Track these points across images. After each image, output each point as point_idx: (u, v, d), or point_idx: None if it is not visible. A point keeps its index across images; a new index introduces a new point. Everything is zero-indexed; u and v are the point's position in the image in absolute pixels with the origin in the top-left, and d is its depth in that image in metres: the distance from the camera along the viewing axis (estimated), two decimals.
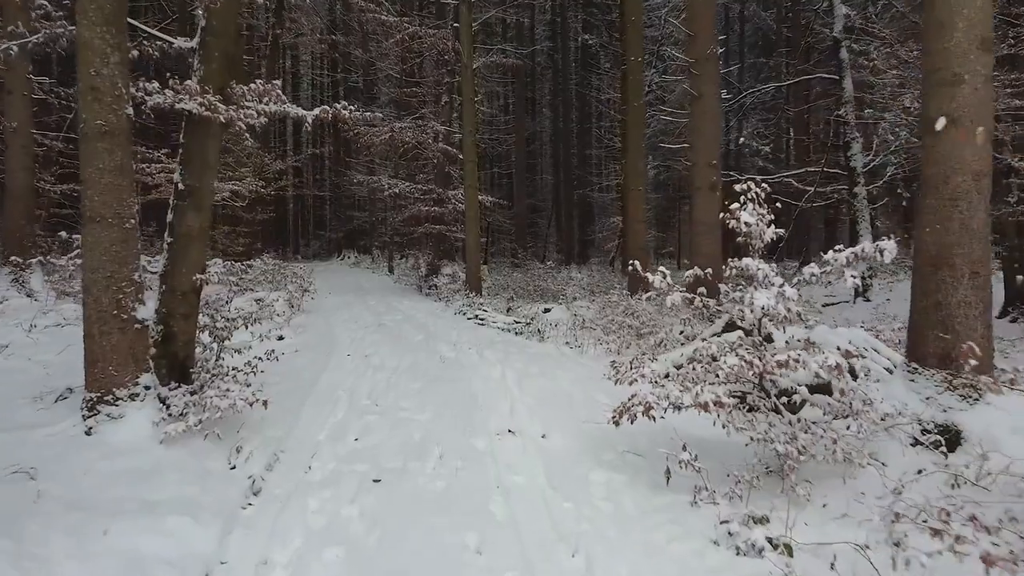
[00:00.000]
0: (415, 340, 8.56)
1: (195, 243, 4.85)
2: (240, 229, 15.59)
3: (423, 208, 14.38)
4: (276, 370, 6.16)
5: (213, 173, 4.99)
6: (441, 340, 8.54)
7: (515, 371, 6.64)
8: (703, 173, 9.57)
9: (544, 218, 30.91)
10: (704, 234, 9.61)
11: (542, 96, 30.81)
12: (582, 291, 16.40)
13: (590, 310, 13.35)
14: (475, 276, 12.80)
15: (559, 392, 5.97)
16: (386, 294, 13.98)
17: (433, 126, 14.44)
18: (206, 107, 4.59)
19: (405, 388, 6.01)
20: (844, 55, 15.42)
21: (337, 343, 8.19)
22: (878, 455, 4.16)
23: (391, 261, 18.97)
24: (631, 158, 12.70)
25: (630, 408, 4.10)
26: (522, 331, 9.86)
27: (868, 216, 15.42)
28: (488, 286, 16.75)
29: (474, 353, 7.62)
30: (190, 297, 4.84)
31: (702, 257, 9.63)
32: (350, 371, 6.63)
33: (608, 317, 10.32)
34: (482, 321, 10.79)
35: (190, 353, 4.90)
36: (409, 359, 7.20)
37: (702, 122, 9.58)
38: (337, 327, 9.66)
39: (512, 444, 4.69)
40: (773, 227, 4.22)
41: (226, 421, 4.39)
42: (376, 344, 8.14)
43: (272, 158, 15.67)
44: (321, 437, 4.78)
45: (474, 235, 12.68)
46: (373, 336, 8.82)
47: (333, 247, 30.98)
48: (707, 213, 9.58)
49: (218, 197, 14.27)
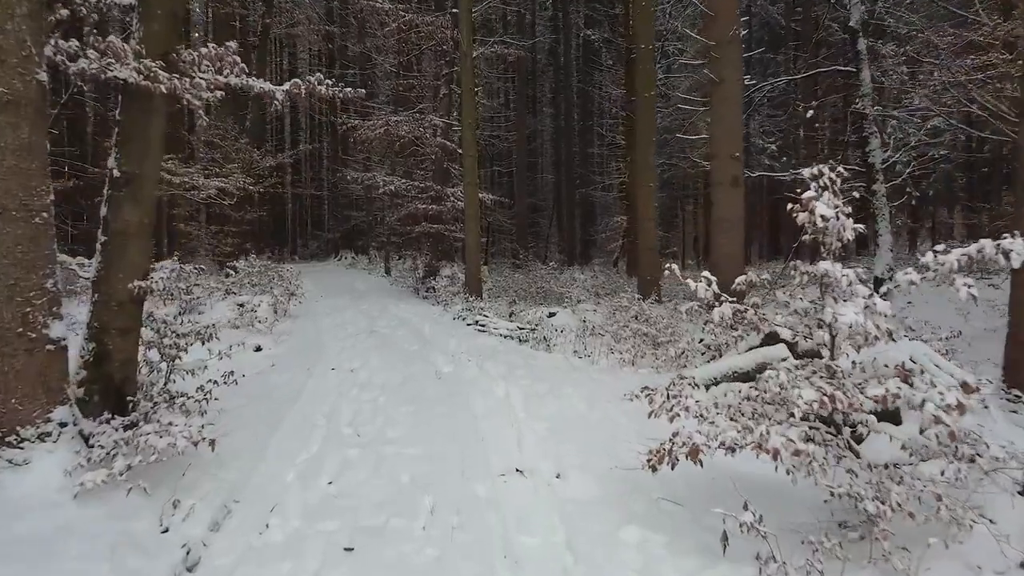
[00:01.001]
0: (409, 350, 7.64)
1: (134, 242, 3.93)
2: (228, 229, 14.66)
3: (420, 206, 13.45)
4: (245, 391, 5.25)
5: (157, 158, 4.07)
6: (438, 350, 7.63)
7: (521, 389, 5.72)
8: (724, 166, 8.65)
9: (545, 217, 29.98)
10: (724, 233, 8.69)
11: (543, 94, 29.88)
12: (586, 293, 15.51)
13: (597, 314, 12.47)
14: (475, 278, 11.90)
15: (573, 415, 5.06)
16: (381, 297, 13.06)
17: (431, 120, 13.52)
18: (144, 74, 3.68)
19: (394, 412, 5.09)
20: (862, 46, 14.49)
21: (322, 354, 7.28)
22: (983, 508, 3.25)
23: (388, 262, 18.05)
24: (641, 152, 11.80)
25: (672, 450, 3.21)
26: (526, 338, 8.96)
27: (888, 214, 14.51)
28: (489, 288, 15.83)
29: (474, 366, 6.70)
30: (128, 308, 3.93)
31: (722, 258, 8.72)
32: (333, 389, 5.71)
33: (619, 323, 9.46)
34: (483, 327, 9.88)
35: (129, 376, 3.99)
36: (401, 374, 6.28)
37: (723, 110, 8.66)
38: (325, 334, 8.74)
39: (521, 488, 3.78)
40: (852, 221, 3.31)
41: (168, 464, 3.48)
42: (365, 355, 7.23)
43: (261, 154, 14.75)
44: (289, 478, 3.87)
45: (474, 234, 11.77)
46: (363, 345, 7.90)
47: (331, 247, 30.07)
48: (728, 210, 8.68)
49: (203, 195, 13.38)
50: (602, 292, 16.04)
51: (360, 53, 20.87)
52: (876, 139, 14.12)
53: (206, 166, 14.15)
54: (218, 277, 11.26)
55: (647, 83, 11.58)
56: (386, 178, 13.65)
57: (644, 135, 11.67)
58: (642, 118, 11.74)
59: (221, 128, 14.42)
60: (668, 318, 9.30)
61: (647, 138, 11.62)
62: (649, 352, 7.79)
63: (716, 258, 8.82)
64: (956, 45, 11.23)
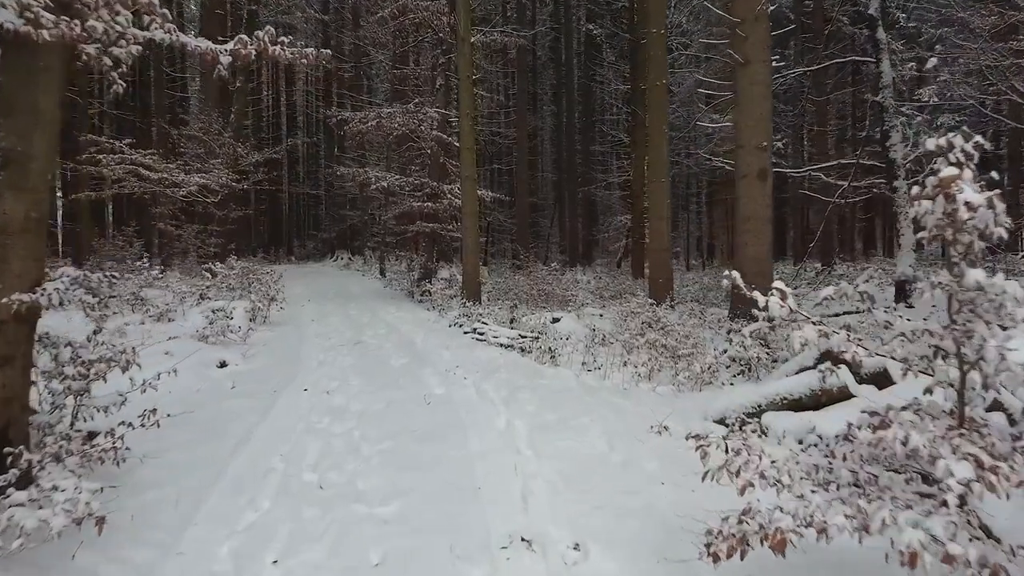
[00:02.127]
0: (396, 365, 6.64)
1: (17, 243, 2.93)
2: (212, 228, 13.66)
3: (415, 204, 12.45)
4: (193, 422, 4.26)
5: (50, 132, 3.06)
6: (429, 365, 6.64)
7: (526, 418, 4.73)
8: (750, 158, 7.67)
9: (545, 217, 28.98)
10: (750, 232, 7.70)
11: (543, 91, 28.89)
12: (591, 296, 14.54)
13: (604, 319, 11.52)
14: (473, 281, 10.90)
15: (589, 455, 4.07)
16: (373, 301, 12.08)
17: (427, 113, 12.53)
18: (23, 14, 2.68)
19: (371, 451, 4.09)
20: (882, 35, 13.50)
21: (296, 370, 6.28)
22: None
23: (383, 263, 17.05)
24: (653, 145, 10.81)
25: (744, 537, 2.23)
26: (529, 349, 7.97)
27: (908, 212, 13.42)
28: (489, 290, 14.85)
29: (470, 386, 5.71)
30: (9, 329, 2.93)
31: (747, 261, 7.74)
32: (300, 419, 4.71)
33: (630, 330, 8.51)
34: (481, 335, 8.89)
35: (13, 419, 2.99)
36: (385, 397, 5.27)
37: (749, 94, 7.67)
38: (305, 345, 7.75)
39: (528, 569, 2.79)
40: (1004, 209, 2.31)
41: (53, 543, 2.49)
42: (346, 373, 6.23)
43: (247, 149, 13.75)
44: (223, 552, 2.88)
45: (472, 233, 10.77)
46: (345, 359, 6.90)
47: (328, 248, 29.09)
48: (754, 206, 7.69)
49: (183, 192, 12.38)
50: (607, 294, 15.06)
51: (355, 46, 19.86)
52: (898, 133, 13.14)
53: (187, 161, 13.15)
54: (192, 281, 10.26)
55: (658, 71, 10.59)
56: (378, 174, 12.64)
57: (655, 127, 10.68)
58: (653, 109, 10.75)
59: (205, 121, 13.43)
60: (686, 325, 8.33)
61: (658, 130, 10.63)
62: (667, 365, 6.81)
63: (741, 260, 7.83)
64: (999, 27, 10.26)
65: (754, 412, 4.61)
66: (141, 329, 7.99)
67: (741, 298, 7.75)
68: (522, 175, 20.68)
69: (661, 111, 10.67)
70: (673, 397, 5.77)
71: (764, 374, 6.75)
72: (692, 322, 9.81)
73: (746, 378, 6.85)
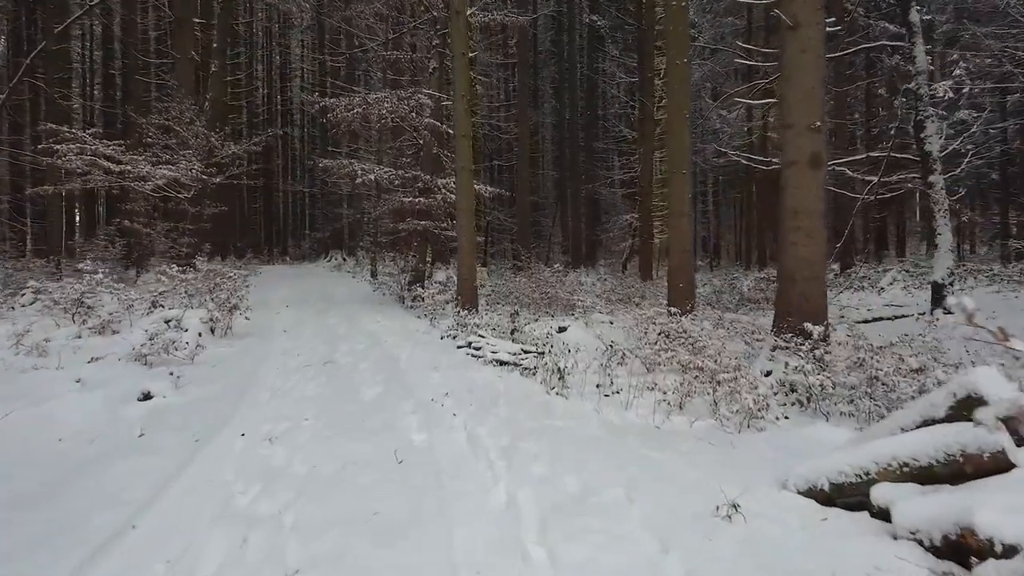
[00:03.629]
0: (369, 396, 5.20)
1: None
2: (184, 226, 12.21)
3: (405, 200, 11.01)
4: (41, 506, 2.83)
5: None
6: (412, 393, 5.21)
7: (535, 488, 3.28)
8: (800, 141, 6.22)
9: (546, 216, 27.51)
10: (800, 230, 6.26)
11: (544, 87, 27.43)
12: (597, 300, 13.13)
13: (615, 327, 10.10)
14: (469, 285, 9.46)
15: (633, 562, 2.64)
16: (358, 307, 10.65)
17: (419, 99, 11.09)
18: None
19: (300, 560, 2.65)
20: (915, 17, 12.07)
21: (240, 404, 4.84)
22: None
23: (374, 265, 15.60)
24: (673, 133, 9.36)
25: None
26: (534, 368, 6.55)
27: (947, 208, 12.01)
28: (487, 293, 13.43)
29: (460, 428, 4.28)
30: None
31: (797, 265, 6.30)
32: (217, 490, 3.27)
33: (648, 341, 7.16)
34: (477, 350, 7.46)
35: None
36: (342, 452, 3.82)
37: (799, 63, 6.22)
38: (265, 365, 6.32)
39: None
40: None
41: None
42: (302, 408, 4.79)
43: (221, 139, 12.29)
44: None
45: (468, 232, 9.33)
46: (307, 387, 5.46)
47: (322, 248, 27.67)
48: (806, 198, 6.25)
49: (150, 186, 10.95)
50: (614, 298, 13.65)
51: (347, 33, 18.39)
52: (933, 124, 11.70)
53: (156, 153, 11.70)
54: (151, 286, 8.82)
55: (679, 48, 9.14)
56: (364, 166, 11.19)
57: (675, 113, 9.23)
58: (673, 92, 9.31)
59: (176, 109, 11.97)
60: (713, 337, 6.95)
61: (679, 116, 9.18)
62: (701, 389, 5.40)
63: (788, 263, 6.38)
64: None
65: (860, 482, 3.18)
66: (72, 345, 6.58)
67: (791, 307, 6.33)
68: (523, 172, 19.24)
69: (682, 94, 9.22)
70: (722, 442, 4.35)
71: (826, 407, 5.34)
72: (720, 333, 8.41)
73: (803, 411, 5.43)
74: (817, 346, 5.77)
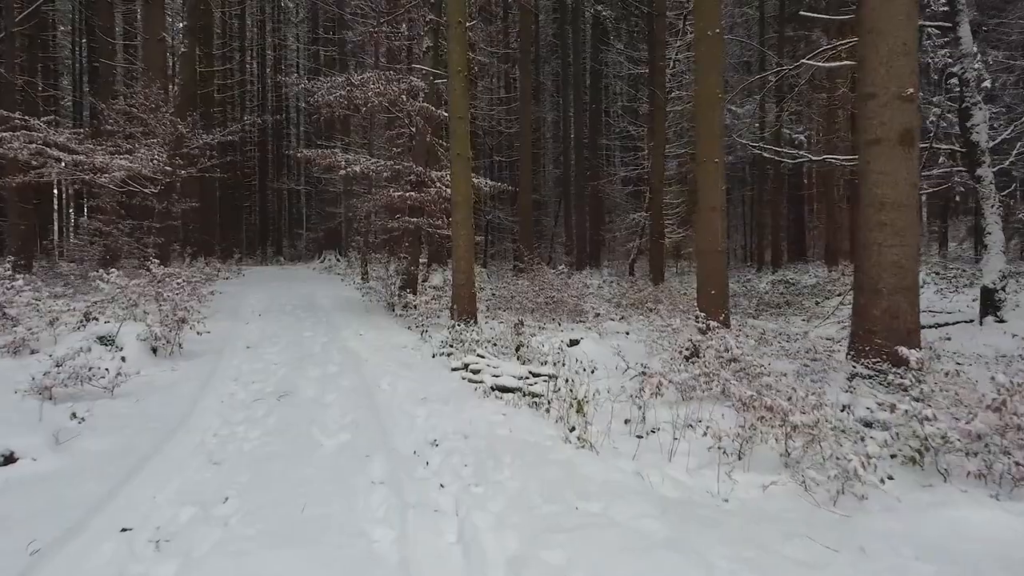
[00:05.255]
0: (328, 449, 3.73)
1: None
2: (150, 224, 10.74)
3: (395, 194, 9.54)
4: None
5: None
6: (386, 447, 3.76)
7: None
8: (888, 113, 4.77)
9: (548, 215, 26.02)
10: (887, 227, 4.80)
11: (546, 83, 25.92)
12: (606, 305, 11.69)
13: (630, 337, 8.68)
14: (467, 292, 8.00)
15: None
16: (341, 316, 9.19)
17: (410, 81, 9.64)
18: None
19: None
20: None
21: (142, 470, 3.38)
22: None
23: (366, 266, 14.13)
24: (702, 116, 7.85)
25: None
26: (546, 400, 5.10)
27: (997, 204, 10.48)
28: (488, 298, 11.98)
29: (449, 513, 2.84)
30: None
31: (885, 269, 4.84)
32: None
33: (676, 356, 5.81)
34: (476, 374, 6.01)
35: None
36: (261, 561, 2.38)
37: (885, 13, 4.77)
38: (205, 399, 4.85)
39: None
40: None
41: None
42: (230, 474, 3.33)
43: (188, 126, 10.80)
44: None
45: (466, 229, 7.87)
46: (249, 435, 4.00)
47: (317, 248, 26.20)
48: (895, 187, 4.79)
49: (105, 178, 9.47)
50: (626, 303, 12.23)
51: (340, 19, 16.92)
52: (982, 112, 10.21)
53: (117, 143, 10.23)
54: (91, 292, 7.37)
55: (709, 17, 7.65)
56: (349, 156, 9.72)
57: (706, 91, 7.74)
58: (704, 66, 7.81)
59: (141, 93, 10.50)
60: (755, 355, 5.54)
61: (710, 96, 7.68)
62: (771, 433, 3.97)
63: (872, 272, 4.91)
64: None
65: None
66: None
67: (876, 325, 4.91)
68: (525, 168, 17.77)
69: (714, 70, 7.73)
70: (837, 535, 2.90)
71: (944, 462, 3.88)
72: (764, 350, 6.97)
73: (911, 467, 3.97)
74: (921, 378, 4.33)
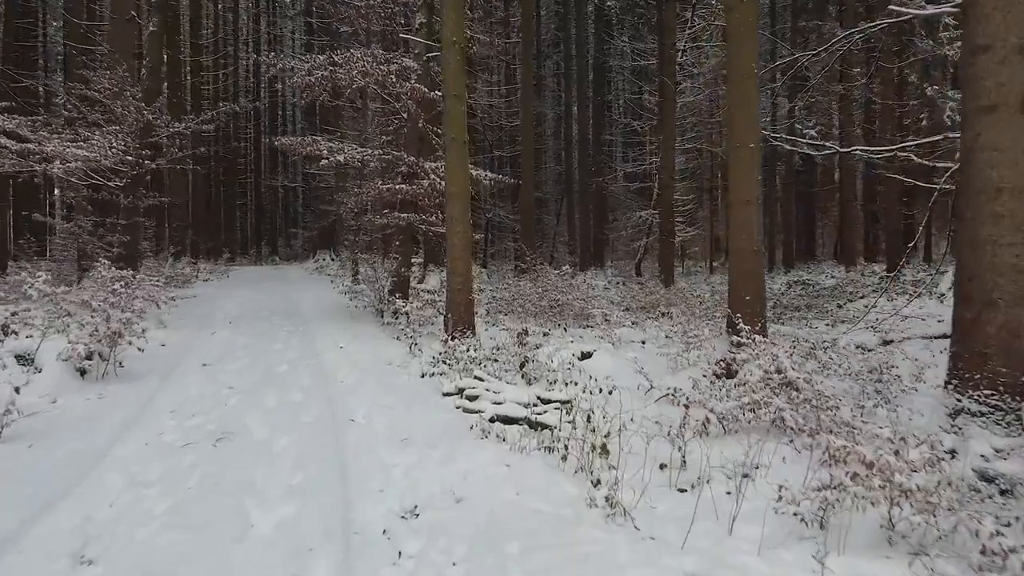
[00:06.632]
0: (261, 532, 2.57)
1: None
2: (115, 221, 9.57)
3: (383, 187, 8.36)
4: None
5: None
6: (344, 523, 2.60)
7: None
8: (1008, 70, 3.62)
9: (550, 213, 24.81)
10: (1006, 219, 3.64)
11: (547, 79, 24.71)
12: (615, 308, 10.52)
13: (647, 348, 7.56)
14: (464, 298, 6.83)
15: None
16: (322, 324, 8.02)
17: (401, 60, 8.48)
18: None
19: None
20: None
21: None
22: None
23: (356, 267, 12.96)
24: (736, 98, 6.65)
25: None
26: (558, 435, 3.93)
27: None
28: (488, 300, 10.82)
29: None
30: None
31: (1005, 272, 3.68)
32: None
33: (711, 378, 4.73)
34: (473, 400, 4.85)
35: None
36: None
37: None
38: (124, 442, 3.69)
39: None
40: None
41: None
42: None
43: (154, 112, 9.61)
44: None
45: (462, 224, 6.70)
46: (158, 508, 2.84)
47: (311, 247, 25.03)
48: (1014, 164, 3.64)
49: (58, 169, 8.31)
50: (635, 306, 11.07)
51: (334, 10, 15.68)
52: None
53: (77, 131, 9.05)
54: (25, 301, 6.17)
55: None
56: (333, 145, 8.54)
57: (739, 66, 6.54)
58: (737, 38, 6.60)
59: (105, 76, 9.31)
60: (812, 377, 4.44)
61: (746, 72, 6.48)
62: (861, 491, 2.79)
63: (984, 277, 3.74)
64: None
65: None
66: None
67: (989, 346, 3.62)
68: (527, 165, 16.60)
69: (748, 39, 6.54)
70: None
71: None
72: (809, 366, 5.78)
73: None
74: None
